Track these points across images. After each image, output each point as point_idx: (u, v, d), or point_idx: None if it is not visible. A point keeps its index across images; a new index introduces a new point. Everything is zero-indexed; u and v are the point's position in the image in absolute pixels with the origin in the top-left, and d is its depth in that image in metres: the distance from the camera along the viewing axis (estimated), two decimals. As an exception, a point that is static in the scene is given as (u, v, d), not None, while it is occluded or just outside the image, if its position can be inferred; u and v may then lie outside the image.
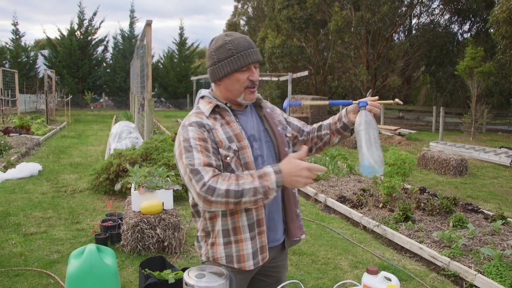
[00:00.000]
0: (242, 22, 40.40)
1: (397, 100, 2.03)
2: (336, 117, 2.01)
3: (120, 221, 4.88)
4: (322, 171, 1.62)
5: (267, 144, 1.87)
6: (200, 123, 1.73)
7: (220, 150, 1.72)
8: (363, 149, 1.82)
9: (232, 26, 39.45)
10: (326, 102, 2.15)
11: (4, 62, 28.82)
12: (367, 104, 1.84)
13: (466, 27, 27.26)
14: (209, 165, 1.62)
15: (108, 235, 4.73)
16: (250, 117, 1.89)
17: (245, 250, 1.75)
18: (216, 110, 1.80)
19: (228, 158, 1.72)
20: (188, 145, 1.66)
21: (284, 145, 1.91)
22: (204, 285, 1.37)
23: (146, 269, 3.34)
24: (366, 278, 1.64)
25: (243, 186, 1.57)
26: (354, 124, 1.88)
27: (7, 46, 29.82)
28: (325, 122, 2.07)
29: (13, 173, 7.77)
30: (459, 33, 27.47)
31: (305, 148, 1.68)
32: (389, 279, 1.63)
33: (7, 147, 9.68)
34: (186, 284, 1.39)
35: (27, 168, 8.05)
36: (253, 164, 1.75)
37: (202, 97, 1.88)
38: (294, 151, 1.98)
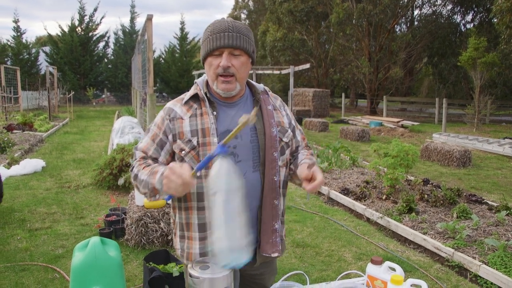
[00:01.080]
0: (243, 16, 40.29)
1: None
2: (301, 161, 1.80)
3: (124, 216, 4.89)
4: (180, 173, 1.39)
5: (252, 145, 1.69)
6: (169, 110, 1.71)
7: (178, 142, 1.65)
8: (217, 227, 1.37)
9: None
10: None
11: (5, 59, 28.83)
12: (225, 151, 1.43)
13: (469, 17, 27.10)
14: (145, 152, 1.70)
15: (112, 230, 4.74)
16: (238, 112, 1.70)
17: (193, 249, 1.69)
18: (197, 98, 1.71)
19: (183, 152, 1.64)
20: (149, 128, 1.76)
21: (273, 149, 1.70)
22: (209, 276, 1.37)
23: (151, 263, 3.35)
24: (371, 268, 1.64)
25: (141, 176, 1.60)
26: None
27: (9, 43, 29.83)
28: (300, 156, 1.86)
29: (16, 170, 7.80)
30: (461, 24, 27.31)
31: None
32: (394, 269, 1.63)
33: (10, 144, 9.70)
34: (191, 276, 1.39)
35: (31, 165, 8.08)
36: None
37: (195, 83, 1.80)
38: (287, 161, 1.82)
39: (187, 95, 1.73)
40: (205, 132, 1.63)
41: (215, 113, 1.67)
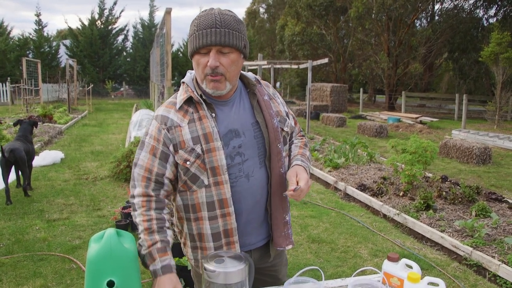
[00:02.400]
0: (261, 10, 40.16)
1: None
2: (293, 158, 1.78)
3: (140, 208, 4.92)
4: None
5: (256, 140, 1.62)
6: (163, 118, 1.58)
7: (180, 152, 1.55)
8: None
9: (251, 14, 39.26)
10: None
11: (27, 52, 29.27)
12: None
13: (492, 11, 26.50)
14: (149, 171, 1.57)
15: (129, 222, 4.78)
16: (235, 108, 1.63)
17: None
18: (191, 101, 1.59)
19: (188, 163, 1.55)
20: (143, 141, 1.61)
21: (277, 141, 1.65)
22: (224, 270, 1.37)
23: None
24: (387, 265, 1.62)
25: (142, 239, 1.56)
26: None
27: (31, 36, 30.25)
28: (293, 148, 1.84)
29: (36, 161, 7.91)
30: (484, 18, 26.72)
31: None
32: (410, 267, 1.60)
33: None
34: (206, 270, 1.39)
35: (50, 156, 8.21)
36: (224, 168, 1.54)
37: (183, 83, 1.66)
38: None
39: (179, 99, 1.60)
40: (207, 137, 1.53)
41: (213, 115, 1.57)
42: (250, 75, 1.72)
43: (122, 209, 5.01)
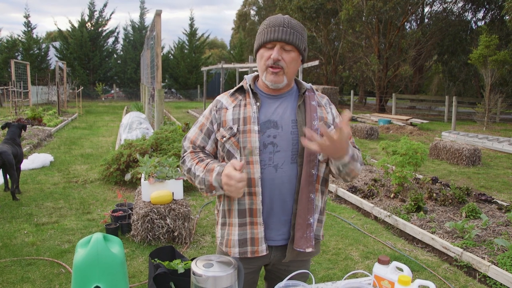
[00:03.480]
0: (252, 12, 40.24)
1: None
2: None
3: (130, 211, 4.89)
4: (237, 178, 1.51)
5: (292, 136, 1.69)
6: (217, 101, 1.80)
7: (221, 129, 1.73)
8: None
9: (242, 16, 39.31)
10: None
11: (16, 54, 29.02)
12: None
13: (480, 14, 26.82)
14: (193, 142, 1.80)
15: (119, 225, 4.74)
16: (282, 104, 1.75)
17: (233, 235, 1.73)
18: (242, 90, 1.79)
19: (224, 139, 1.71)
20: (198, 119, 1.86)
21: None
22: (212, 274, 1.35)
23: (156, 259, 3.33)
24: (377, 268, 1.61)
25: (196, 171, 1.71)
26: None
27: (19, 38, 30.00)
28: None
29: (25, 164, 7.83)
30: (472, 21, 27.04)
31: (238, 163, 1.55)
32: (401, 269, 1.59)
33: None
34: (194, 274, 1.37)
35: (39, 159, 8.12)
36: (256, 150, 1.65)
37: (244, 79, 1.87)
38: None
39: (235, 88, 1.81)
40: (246, 120, 1.68)
41: (258, 103, 1.71)
42: (307, 84, 1.84)
43: (112, 213, 4.96)
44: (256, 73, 1.83)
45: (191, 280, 1.41)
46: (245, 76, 1.83)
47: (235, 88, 1.81)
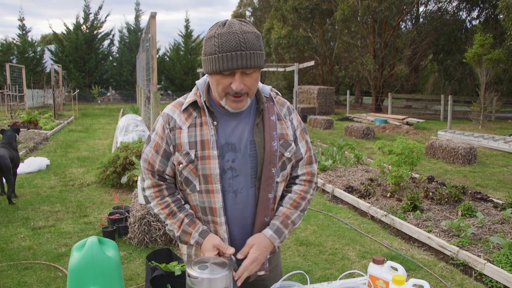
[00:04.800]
0: (247, 13, 40.23)
1: None
2: (274, 217, 1.67)
3: (127, 214, 4.89)
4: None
5: (251, 159, 1.57)
6: (168, 118, 1.61)
7: (177, 154, 1.58)
8: None
9: (238, 17, 39.28)
10: None
11: (11, 57, 28.93)
12: None
13: (474, 13, 26.95)
14: (151, 165, 1.64)
15: (116, 228, 4.74)
16: (240, 122, 1.60)
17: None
18: (196, 105, 1.60)
19: (180, 166, 1.58)
20: (150, 136, 1.67)
21: (272, 164, 1.58)
22: (207, 276, 1.35)
23: (153, 261, 3.33)
24: (372, 268, 1.62)
25: (169, 225, 1.65)
26: None
27: (14, 41, 29.91)
28: (283, 204, 1.70)
29: (21, 168, 7.80)
30: (467, 20, 27.16)
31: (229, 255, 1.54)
32: (396, 269, 1.60)
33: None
34: (189, 276, 1.38)
35: (35, 163, 8.10)
36: (216, 178, 1.54)
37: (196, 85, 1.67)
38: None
39: (186, 101, 1.62)
40: (204, 144, 1.54)
41: (215, 123, 1.56)
42: (266, 90, 1.68)
43: (109, 215, 4.96)
44: (207, 78, 1.63)
45: (186, 282, 1.42)
46: (197, 84, 1.64)
47: (187, 102, 1.60)
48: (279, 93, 1.75)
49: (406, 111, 23.38)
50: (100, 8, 33.46)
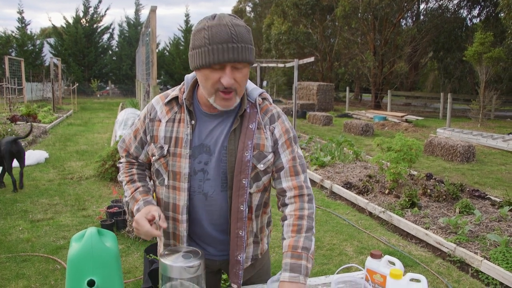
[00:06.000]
0: (248, 9, 40.14)
1: None
2: (284, 256, 1.50)
3: (125, 208, 4.89)
4: (143, 230, 1.43)
5: (222, 165, 1.52)
6: (151, 108, 1.60)
7: (152, 145, 1.58)
8: None
9: (238, 13, 39.17)
10: None
11: (10, 50, 28.85)
12: None
13: (475, 12, 26.90)
14: (128, 148, 1.70)
15: (114, 221, 4.75)
16: (219, 124, 1.54)
17: (160, 248, 1.73)
18: (178, 100, 1.57)
19: (153, 158, 1.59)
20: (135, 120, 1.71)
21: (243, 175, 1.50)
22: (180, 264, 1.35)
23: (151, 255, 3.35)
24: (370, 262, 1.63)
25: (125, 191, 1.67)
26: None
27: (13, 34, 29.83)
28: (285, 235, 1.55)
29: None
30: (468, 18, 27.11)
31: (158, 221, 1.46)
32: (393, 263, 1.61)
33: (14, 135, 9.72)
34: (161, 264, 1.38)
35: (34, 156, 8.10)
36: (184, 177, 1.52)
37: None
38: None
39: (170, 94, 1.59)
40: (178, 142, 1.52)
41: (193, 122, 1.52)
42: (254, 94, 1.59)
43: (108, 209, 4.97)
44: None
45: (159, 271, 1.42)
46: (186, 77, 1.60)
47: (171, 96, 1.58)
48: (269, 99, 1.64)
49: (405, 108, 23.40)
50: (100, 1, 33.37)
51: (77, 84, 23.72)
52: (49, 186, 6.53)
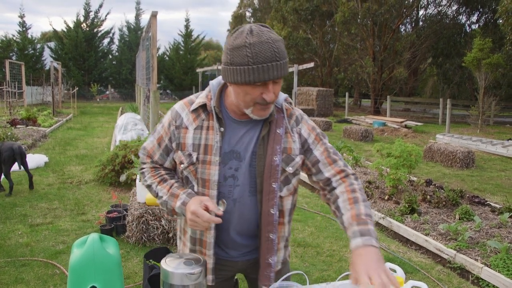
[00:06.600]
0: (248, 14, 40.27)
1: None
2: (348, 228, 1.49)
3: (125, 213, 4.89)
4: (204, 219, 1.42)
5: (251, 169, 1.55)
6: (176, 115, 1.60)
7: (179, 153, 1.58)
8: None
9: (238, 18, 39.34)
10: None
11: (11, 54, 28.92)
12: None
13: (474, 18, 27.02)
14: (151, 156, 1.67)
15: (113, 226, 4.74)
16: (248, 131, 1.57)
17: (209, 264, 1.66)
18: (205, 107, 1.57)
19: (182, 165, 1.58)
20: (156, 128, 1.68)
21: (273, 179, 1.53)
22: (182, 271, 1.35)
23: (151, 260, 3.34)
24: (371, 269, 1.62)
25: (159, 192, 1.62)
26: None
27: (14, 38, 29.89)
28: (343, 211, 1.54)
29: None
30: (466, 24, 27.22)
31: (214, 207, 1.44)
32: (394, 271, 1.61)
33: (13, 139, 9.72)
34: (162, 270, 1.38)
35: (34, 160, 8.08)
36: (214, 184, 1.53)
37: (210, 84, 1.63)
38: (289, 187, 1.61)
39: (196, 101, 1.58)
40: (207, 149, 1.53)
41: (222, 129, 1.54)
42: (279, 99, 1.61)
43: (107, 214, 4.96)
44: (222, 80, 1.58)
45: (160, 277, 1.42)
46: (211, 84, 1.61)
47: (197, 104, 1.57)
48: (292, 102, 1.68)
49: (404, 114, 23.43)
50: (100, 6, 33.46)
51: (77, 88, 23.75)
52: (48, 190, 6.52)
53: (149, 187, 1.67)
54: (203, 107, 1.57)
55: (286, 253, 1.78)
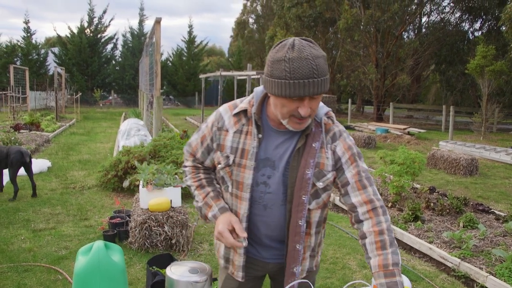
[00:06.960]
0: (251, 21, 40.35)
1: None
2: (375, 277, 1.48)
3: (128, 218, 4.88)
4: (227, 242, 1.55)
5: (283, 179, 1.59)
6: (219, 117, 1.67)
7: (219, 153, 1.66)
8: None
9: (241, 24, 39.43)
10: None
11: (15, 59, 29.06)
12: None
13: (477, 25, 26.97)
14: (194, 153, 1.77)
15: (116, 232, 4.73)
16: (284, 141, 1.59)
17: (220, 248, 1.78)
18: (247, 113, 1.62)
19: (219, 165, 1.67)
20: (201, 126, 1.76)
21: (303, 191, 1.55)
22: (187, 279, 1.35)
23: (154, 267, 3.33)
24: (377, 278, 1.61)
25: (195, 196, 1.76)
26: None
27: (19, 43, 30.04)
28: (370, 254, 1.53)
29: (22, 170, 7.80)
30: (470, 31, 27.18)
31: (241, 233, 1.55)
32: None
33: (17, 144, 9.74)
34: (167, 278, 1.37)
35: (37, 165, 8.09)
36: (248, 187, 1.59)
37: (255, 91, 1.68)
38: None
39: (239, 106, 1.64)
40: (244, 153, 1.59)
41: (260, 136, 1.58)
42: (320, 113, 1.62)
43: (110, 219, 4.95)
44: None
45: (165, 285, 1.42)
46: (255, 91, 1.65)
47: (239, 108, 1.63)
48: (333, 117, 1.66)
49: (407, 121, 23.39)
50: (104, 12, 33.79)
51: (80, 93, 23.81)
52: (51, 195, 6.52)
53: (189, 187, 1.81)
54: (244, 112, 1.63)
55: (313, 262, 1.78)
